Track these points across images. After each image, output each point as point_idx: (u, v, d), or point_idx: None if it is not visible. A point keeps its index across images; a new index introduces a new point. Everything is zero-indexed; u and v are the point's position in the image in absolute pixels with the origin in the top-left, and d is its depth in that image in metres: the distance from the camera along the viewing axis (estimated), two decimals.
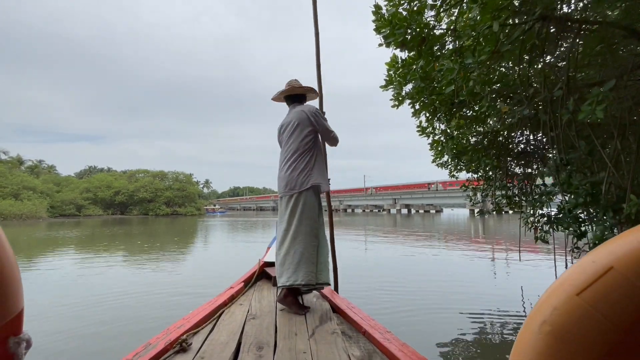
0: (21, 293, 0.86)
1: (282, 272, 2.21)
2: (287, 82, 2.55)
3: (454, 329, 3.36)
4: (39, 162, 66.76)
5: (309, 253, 2.20)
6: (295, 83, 2.53)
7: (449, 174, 5.31)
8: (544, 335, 0.65)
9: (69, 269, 6.86)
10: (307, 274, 2.15)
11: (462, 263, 7.25)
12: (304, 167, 2.30)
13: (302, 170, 2.29)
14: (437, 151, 4.38)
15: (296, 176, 2.28)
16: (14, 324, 0.83)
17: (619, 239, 0.65)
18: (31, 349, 0.87)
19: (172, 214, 51.27)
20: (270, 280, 2.91)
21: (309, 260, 2.18)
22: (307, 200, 2.27)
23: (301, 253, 2.18)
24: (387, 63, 3.64)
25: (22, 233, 17.12)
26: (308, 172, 2.30)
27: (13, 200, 33.66)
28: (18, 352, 0.83)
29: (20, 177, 39.54)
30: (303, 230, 2.23)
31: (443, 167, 5.36)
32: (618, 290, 0.59)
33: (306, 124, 2.34)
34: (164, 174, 57.06)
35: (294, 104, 2.51)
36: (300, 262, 2.16)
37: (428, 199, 59.29)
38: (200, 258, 8.83)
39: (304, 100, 2.57)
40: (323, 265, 2.30)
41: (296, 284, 2.13)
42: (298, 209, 2.25)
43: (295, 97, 2.52)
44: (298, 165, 2.30)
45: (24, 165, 54.90)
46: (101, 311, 4.04)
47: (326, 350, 1.61)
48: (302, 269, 2.15)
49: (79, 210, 44.09)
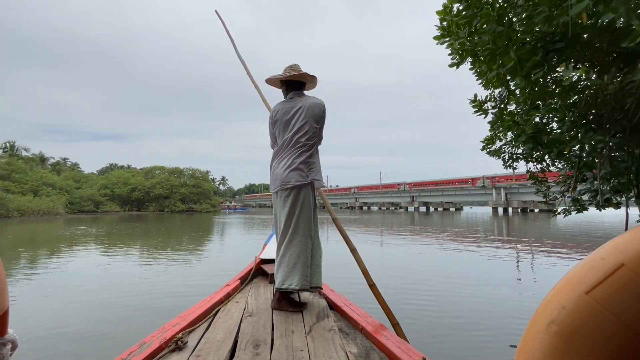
0: (6, 293, 0.77)
1: (278, 274, 2.16)
2: (290, 67, 2.32)
3: (453, 328, 3.32)
4: (63, 160, 69.04)
5: (305, 256, 2.15)
6: (299, 68, 2.34)
7: (505, 164, 4.20)
8: (551, 336, 0.62)
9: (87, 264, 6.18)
10: (301, 279, 2.11)
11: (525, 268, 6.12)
12: (307, 161, 2.18)
13: (305, 164, 2.17)
14: (504, 128, 3.21)
15: (298, 170, 2.16)
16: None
17: (629, 235, 0.62)
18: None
19: (187, 211, 51.33)
20: (267, 277, 2.86)
21: (304, 263, 2.14)
22: (306, 198, 2.18)
23: (297, 256, 2.13)
24: (438, 11, 2.60)
25: (27, 230, 16.92)
26: (310, 166, 2.20)
27: (32, 197, 34.17)
28: (3, 354, 0.80)
29: (40, 174, 40.17)
30: (300, 232, 2.16)
31: (495, 155, 4.24)
32: (630, 288, 0.56)
33: (317, 118, 2.22)
34: (179, 170, 57.12)
35: (297, 91, 2.33)
36: (296, 265, 2.12)
37: (448, 196, 57.35)
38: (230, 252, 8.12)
39: (303, 88, 2.37)
40: (316, 268, 2.25)
41: (290, 288, 2.09)
42: (297, 208, 2.16)
43: (297, 84, 2.33)
44: (301, 158, 2.17)
45: (47, 163, 56.49)
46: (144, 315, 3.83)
47: (323, 348, 1.59)
48: (297, 273, 2.11)
49: (96, 207, 44.54)
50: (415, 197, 62.46)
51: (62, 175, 49.60)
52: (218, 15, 3.35)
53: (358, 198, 76.69)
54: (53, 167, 57.11)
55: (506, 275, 5.92)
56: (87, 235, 13.38)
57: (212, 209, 54.95)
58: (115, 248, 9.62)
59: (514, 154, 4.05)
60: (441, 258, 7.72)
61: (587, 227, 16.30)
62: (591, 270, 0.62)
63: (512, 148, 4.03)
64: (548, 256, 7.78)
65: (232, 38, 3.24)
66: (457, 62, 2.27)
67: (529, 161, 3.90)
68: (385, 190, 69.28)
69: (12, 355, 0.83)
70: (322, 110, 2.24)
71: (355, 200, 76.72)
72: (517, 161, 4.06)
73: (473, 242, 10.67)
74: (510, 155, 4.07)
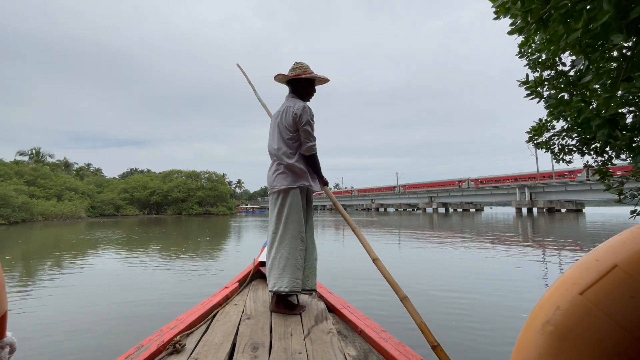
0: (4, 296, 0.79)
1: (270, 277, 2.15)
2: (300, 65, 2.32)
3: (452, 328, 3.28)
4: (86, 165, 71.52)
5: (295, 258, 2.12)
6: (297, 67, 2.32)
7: (556, 157, 3.62)
8: (546, 335, 0.63)
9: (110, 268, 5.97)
10: (291, 281, 2.08)
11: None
12: (290, 166, 2.18)
13: (288, 169, 2.19)
14: (570, 111, 2.63)
15: (283, 174, 2.19)
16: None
17: (622, 237, 0.64)
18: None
19: (204, 214, 51.84)
20: (265, 279, 2.79)
21: (294, 265, 2.11)
22: (294, 200, 2.17)
23: (286, 258, 2.11)
24: None
25: (50, 234, 17.19)
26: (295, 171, 2.19)
27: (55, 201, 35.17)
28: (1, 357, 0.81)
29: (63, 179, 41.43)
30: (289, 233, 2.15)
31: (544, 147, 3.66)
32: (622, 288, 0.57)
33: (289, 124, 2.21)
34: (196, 173, 57.76)
35: (290, 93, 2.36)
36: (285, 267, 2.10)
37: (468, 196, 55.69)
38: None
39: (298, 89, 2.35)
40: (310, 271, 2.24)
41: (280, 290, 2.06)
42: (285, 210, 2.17)
43: (292, 85, 2.35)
44: (284, 163, 2.20)
45: (72, 168, 58.51)
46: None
47: (322, 350, 1.58)
48: (287, 275, 2.08)
49: (117, 210, 45.51)
50: (433, 197, 61.01)
51: (84, 180, 51.11)
52: (240, 68, 3.37)
53: (374, 200, 75.69)
54: (77, 172, 59.06)
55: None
56: (108, 240, 13.39)
57: (228, 211, 55.34)
58: (136, 252, 9.46)
59: (567, 146, 3.49)
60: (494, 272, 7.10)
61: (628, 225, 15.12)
62: (585, 271, 0.63)
63: (564, 139, 3.48)
64: None
65: (253, 86, 3.28)
66: (522, 26, 1.75)
67: (585, 153, 3.34)
68: (402, 191, 68.06)
69: (10, 358, 0.83)
70: (296, 115, 2.18)
71: (371, 201, 75.77)
72: (569, 154, 3.50)
73: (529, 250, 9.93)
74: (561, 147, 3.51)
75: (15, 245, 11.88)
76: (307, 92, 2.35)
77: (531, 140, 3.49)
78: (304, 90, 2.34)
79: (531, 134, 3.43)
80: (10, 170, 35.82)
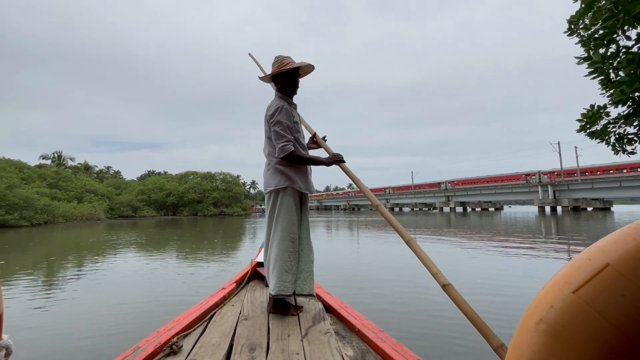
0: (0, 299, 0.79)
1: (267, 279, 2.15)
2: (277, 59, 2.20)
3: (450, 328, 3.17)
4: (106, 168, 73.69)
5: (283, 260, 2.07)
6: (277, 61, 2.19)
7: (614, 148, 3.11)
8: (540, 333, 0.63)
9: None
10: (278, 284, 2.02)
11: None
12: (278, 167, 2.13)
13: (277, 170, 2.14)
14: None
15: (272, 173, 2.15)
16: None
17: (614, 236, 0.64)
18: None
19: (219, 215, 52.21)
20: (263, 280, 2.83)
21: (282, 268, 2.06)
22: (284, 200, 2.12)
23: (275, 260, 2.08)
24: None
25: (72, 235, 17.44)
26: (284, 172, 2.11)
27: (76, 203, 36.01)
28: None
29: (83, 181, 42.41)
30: (278, 234, 2.10)
31: (599, 137, 3.16)
32: (614, 287, 0.58)
33: (267, 122, 2.17)
34: (211, 175, 58.30)
35: (277, 90, 2.26)
36: (274, 270, 2.07)
37: (487, 195, 54.06)
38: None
39: (280, 85, 2.21)
40: (306, 275, 2.17)
41: (270, 293, 2.05)
42: (275, 211, 2.14)
43: (275, 81, 2.24)
44: (271, 163, 2.17)
45: (92, 171, 60.24)
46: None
47: (319, 351, 1.58)
48: (274, 277, 2.05)
49: (135, 212, 46.26)
50: (450, 197, 59.55)
51: (104, 183, 52.38)
52: (252, 58, 3.22)
53: (389, 199, 74.63)
54: (97, 175, 60.68)
55: None
56: (123, 242, 13.41)
57: (243, 212, 55.67)
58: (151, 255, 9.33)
59: (625, 135, 2.98)
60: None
61: None
62: (578, 270, 0.63)
63: (622, 127, 2.97)
64: None
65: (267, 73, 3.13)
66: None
67: None
68: (417, 190, 66.79)
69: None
70: (267, 115, 2.14)
71: (386, 201, 74.75)
72: (630, 143, 2.99)
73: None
74: (619, 136, 3.00)
75: (26, 247, 11.99)
76: (287, 86, 2.18)
77: (583, 129, 2.99)
78: (284, 85, 2.18)
79: (583, 122, 2.94)
80: (33, 173, 36.93)
